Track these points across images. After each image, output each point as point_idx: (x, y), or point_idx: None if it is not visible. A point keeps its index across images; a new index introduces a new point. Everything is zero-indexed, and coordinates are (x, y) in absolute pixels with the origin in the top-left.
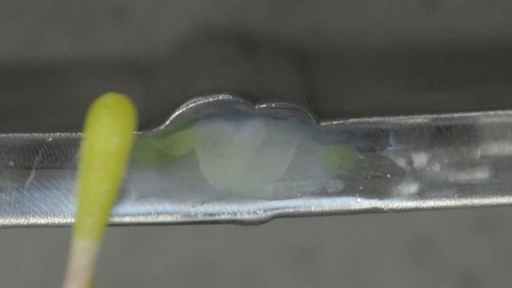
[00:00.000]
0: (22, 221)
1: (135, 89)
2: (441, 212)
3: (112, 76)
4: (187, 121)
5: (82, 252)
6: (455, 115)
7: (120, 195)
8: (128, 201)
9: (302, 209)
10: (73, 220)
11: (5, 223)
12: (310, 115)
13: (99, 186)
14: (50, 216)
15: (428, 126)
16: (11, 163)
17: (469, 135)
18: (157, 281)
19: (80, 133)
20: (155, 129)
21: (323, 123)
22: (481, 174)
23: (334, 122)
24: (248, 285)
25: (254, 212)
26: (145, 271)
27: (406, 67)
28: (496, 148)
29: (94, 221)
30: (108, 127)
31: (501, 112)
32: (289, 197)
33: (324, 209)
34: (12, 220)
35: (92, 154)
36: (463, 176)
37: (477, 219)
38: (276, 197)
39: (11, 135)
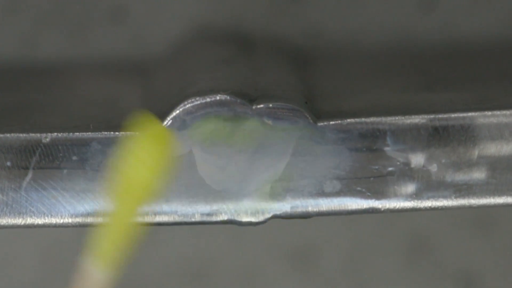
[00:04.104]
0: (19, 221)
1: (133, 89)
2: (438, 212)
3: (110, 76)
4: (184, 121)
5: (95, 277)
6: (453, 115)
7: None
8: None
9: (299, 209)
10: (70, 220)
11: (2, 223)
12: (307, 115)
13: (127, 218)
14: (47, 216)
15: (426, 126)
16: (8, 163)
17: (466, 135)
18: (154, 281)
19: (78, 133)
20: None
21: (321, 123)
22: (479, 175)
23: (331, 122)
24: (246, 285)
25: (252, 213)
26: (142, 272)
27: (403, 67)
28: (493, 149)
29: (115, 251)
30: (144, 161)
31: (498, 112)
32: (287, 197)
33: (322, 209)
34: (9, 220)
35: (125, 187)
36: (460, 176)
37: (474, 220)
38: (273, 197)
39: (8, 135)
